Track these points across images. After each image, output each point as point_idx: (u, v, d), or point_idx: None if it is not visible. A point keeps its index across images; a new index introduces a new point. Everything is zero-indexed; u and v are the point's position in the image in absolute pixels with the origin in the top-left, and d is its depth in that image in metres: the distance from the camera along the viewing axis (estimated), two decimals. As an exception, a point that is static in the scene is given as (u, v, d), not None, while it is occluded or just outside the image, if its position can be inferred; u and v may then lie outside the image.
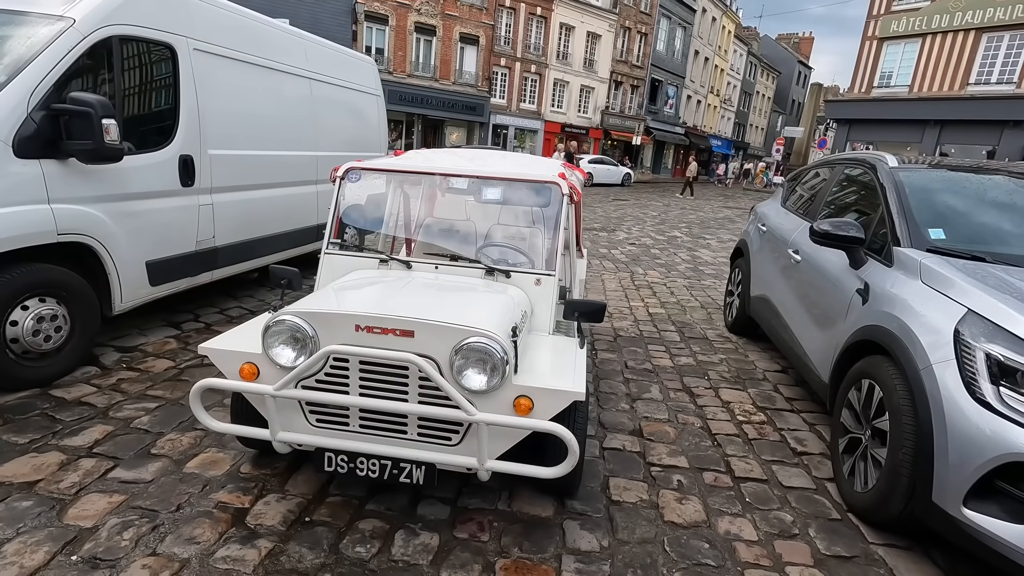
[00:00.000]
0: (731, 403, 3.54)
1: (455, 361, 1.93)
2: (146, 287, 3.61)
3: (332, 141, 5.60)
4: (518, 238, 3.12)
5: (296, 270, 2.54)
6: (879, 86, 18.90)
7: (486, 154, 3.42)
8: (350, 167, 2.83)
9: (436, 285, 2.43)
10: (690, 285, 6.98)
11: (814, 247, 3.34)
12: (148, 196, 3.55)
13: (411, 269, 2.66)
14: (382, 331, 1.96)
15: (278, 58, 4.75)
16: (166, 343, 3.79)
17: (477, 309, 2.14)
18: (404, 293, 2.25)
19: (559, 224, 2.66)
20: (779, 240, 4.02)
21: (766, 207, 4.84)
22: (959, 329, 2.01)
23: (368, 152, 6.25)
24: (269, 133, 4.67)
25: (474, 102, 27.21)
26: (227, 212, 4.24)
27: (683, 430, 3.13)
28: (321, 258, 2.74)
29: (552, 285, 2.59)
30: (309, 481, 2.38)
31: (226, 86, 4.15)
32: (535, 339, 2.39)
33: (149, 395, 3.05)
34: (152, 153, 3.56)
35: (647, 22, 34.67)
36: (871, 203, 3.15)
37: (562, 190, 2.69)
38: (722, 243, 10.80)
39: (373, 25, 23.67)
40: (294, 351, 2.03)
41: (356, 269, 2.68)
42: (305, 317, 2.00)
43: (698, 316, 5.54)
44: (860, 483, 2.37)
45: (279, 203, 4.86)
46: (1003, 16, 15.91)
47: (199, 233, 4.00)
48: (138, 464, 2.41)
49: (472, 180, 2.75)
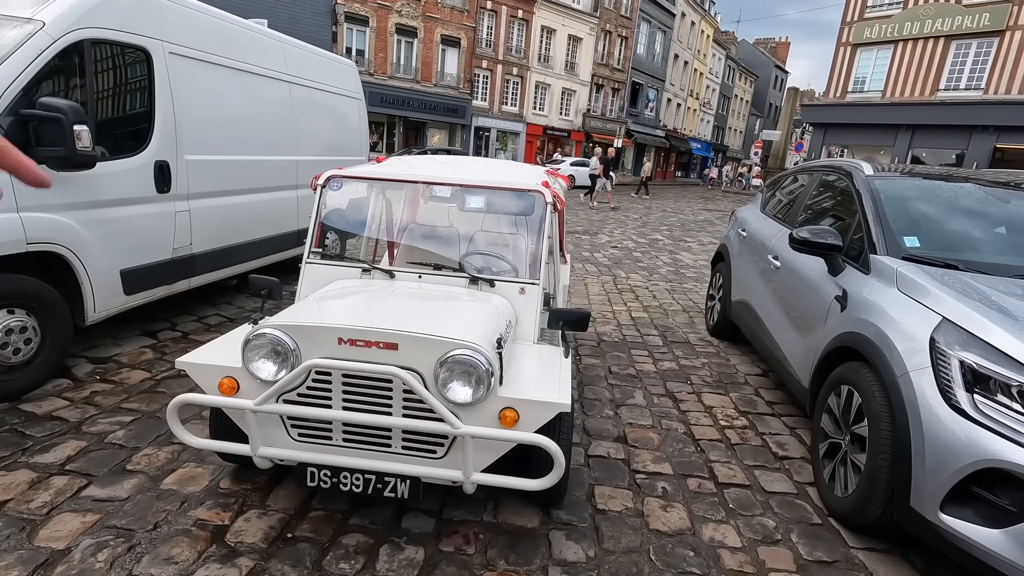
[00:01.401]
0: (714, 408, 3.57)
1: (440, 373, 1.91)
2: (120, 296, 3.53)
3: (312, 145, 5.54)
4: (501, 245, 3.11)
5: (276, 280, 2.51)
6: (853, 91, 19.32)
7: (469, 161, 3.41)
8: (331, 175, 2.79)
9: (419, 295, 2.41)
10: (672, 288, 7.05)
11: (793, 253, 3.39)
12: (122, 203, 3.47)
13: (394, 278, 2.64)
14: (365, 344, 1.94)
15: (256, 61, 4.68)
16: (142, 353, 3.70)
17: (461, 320, 2.13)
18: (387, 304, 2.23)
19: (543, 232, 2.66)
20: (759, 245, 4.08)
21: (746, 212, 4.91)
22: (935, 337, 2.06)
23: (349, 156, 6.19)
24: (247, 138, 4.60)
25: (456, 104, 27.16)
26: (204, 218, 4.16)
27: (667, 436, 3.15)
28: (302, 267, 2.71)
29: (536, 294, 2.58)
30: (291, 495, 2.34)
31: (203, 90, 4.08)
32: (520, 349, 2.39)
33: (124, 408, 2.97)
34: (126, 159, 3.48)
35: (627, 25, 34.97)
36: (848, 210, 3.21)
37: (545, 198, 2.69)
38: (703, 246, 10.92)
39: (353, 26, 23.50)
40: (275, 365, 1.99)
41: (338, 279, 2.65)
42: (286, 330, 1.97)
43: (680, 320, 5.59)
44: (840, 488, 2.41)
45: (258, 209, 4.79)
46: (971, 24, 16.38)
47: (175, 240, 3.91)
48: (113, 481, 2.35)
49: (455, 188, 2.73)
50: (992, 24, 15.94)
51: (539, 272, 2.61)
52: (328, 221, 2.84)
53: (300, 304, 2.26)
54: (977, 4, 16.23)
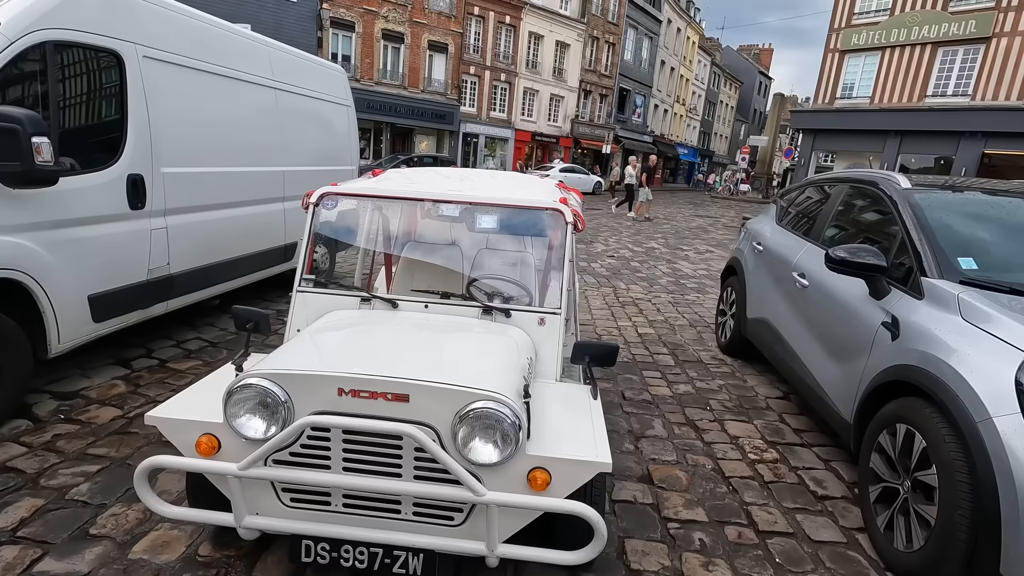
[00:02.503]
0: (739, 438, 3.32)
1: (458, 430, 1.63)
2: (89, 324, 3.19)
3: (300, 155, 5.22)
4: (515, 269, 2.84)
5: (264, 312, 2.21)
6: (841, 97, 19.39)
7: (474, 174, 3.13)
8: (325, 192, 2.50)
9: (428, 328, 2.12)
10: (675, 301, 6.81)
11: (824, 272, 3.15)
12: (91, 221, 3.14)
13: (397, 308, 2.34)
14: (370, 395, 1.65)
15: (239, 66, 4.36)
16: (113, 386, 3.36)
17: (480, 362, 1.85)
18: (393, 343, 1.94)
19: (565, 256, 2.39)
20: (780, 261, 3.84)
21: (760, 224, 4.68)
22: (1020, 379, 1.81)
23: (338, 167, 5.88)
24: (230, 148, 4.28)
25: (444, 110, 26.89)
26: (184, 236, 3.83)
27: (695, 473, 2.88)
28: (293, 296, 2.40)
29: (558, 325, 2.31)
30: (281, 563, 2.03)
31: (181, 97, 3.76)
32: (541, 389, 2.11)
33: (90, 455, 2.64)
34: (96, 173, 3.15)
35: (615, 32, 35.01)
36: (884, 226, 2.98)
37: (565, 217, 2.42)
38: (700, 255, 10.74)
39: (339, 32, 23.16)
40: (264, 421, 1.69)
41: (334, 309, 2.35)
42: (276, 379, 1.67)
43: (689, 336, 5.35)
44: (901, 540, 2.16)
45: (243, 223, 4.46)
46: (957, 31, 16.49)
47: (151, 260, 3.58)
48: (73, 550, 2.02)
49: (465, 206, 2.45)
50: (978, 31, 16.06)
51: (560, 300, 2.33)
52: (321, 242, 2.54)
53: (292, 344, 1.96)
54: (963, 11, 16.35)
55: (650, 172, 16.62)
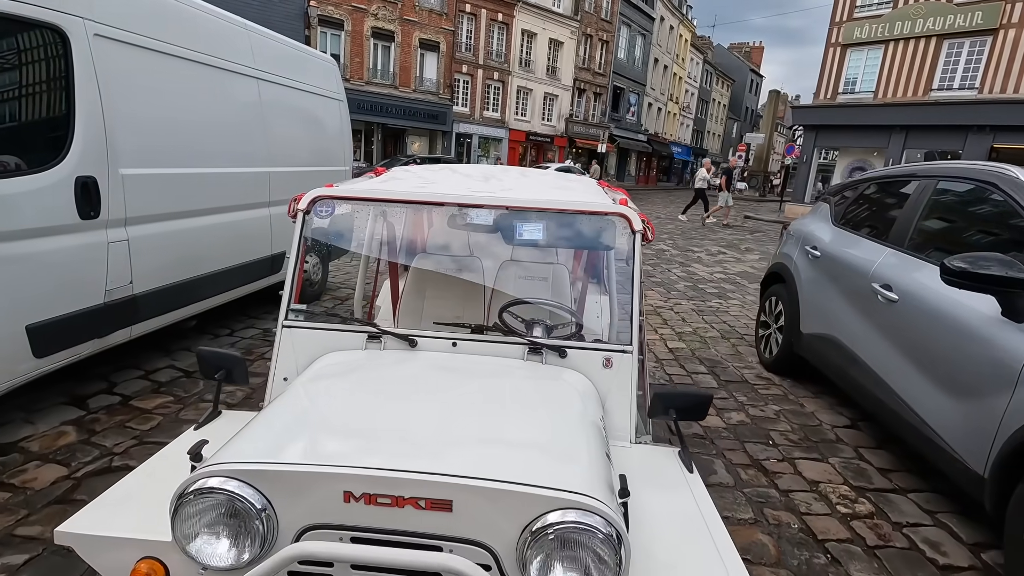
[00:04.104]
0: (819, 484, 2.78)
1: (528, 555, 1.07)
2: (29, 360, 2.59)
3: (287, 154, 4.63)
4: (560, 290, 2.28)
5: (239, 356, 1.66)
6: (844, 92, 18.98)
7: (500, 171, 2.54)
8: (318, 196, 1.92)
9: (463, 382, 1.56)
10: (699, 309, 6.28)
11: (924, 284, 2.62)
12: (29, 235, 2.55)
13: (415, 347, 1.78)
14: (394, 502, 1.09)
15: (215, 52, 3.77)
16: (61, 434, 2.77)
17: (549, 438, 1.29)
18: (421, 411, 1.37)
19: (634, 274, 1.83)
20: (851, 269, 3.31)
21: (809, 226, 4.14)
22: None
23: (330, 167, 5.29)
24: (205, 146, 3.69)
25: (436, 110, 26.27)
26: (150, 249, 3.24)
27: (780, 536, 2.34)
28: (278, 334, 1.83)
29: (630, 367, 1.75)
30: None
31: (144, 85, 3.17)
32: (615, 457, 1.55)
33: (18, 536, 2.05)
34: (34, 176, 2.55)
35: (608, 29, 34.55)
36: (1005, 231, 2.45)
37: (632, 224, 1.87)
38: (712, 256, 10.22)
39: (328, 30, 22.49)
40: (232, 541, 1.12)
41: (332, 349, 1.78)
42: (251, 478, 1.10)
43: (724, 351, 4.81)
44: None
45: (221, 232, 3.87)
46: (963, 23, 16.12)
47: (109, 279, 2.99)
48: None
49: (501, 212, 1.88)
50: (985, 23, 15.69)
51: (631, 333, 1.77)
52: (313, 252, 1.97)
53: (273, 411, 1.38)
54: (969, 3, 15.98)
55: (730, 175, 15.92)
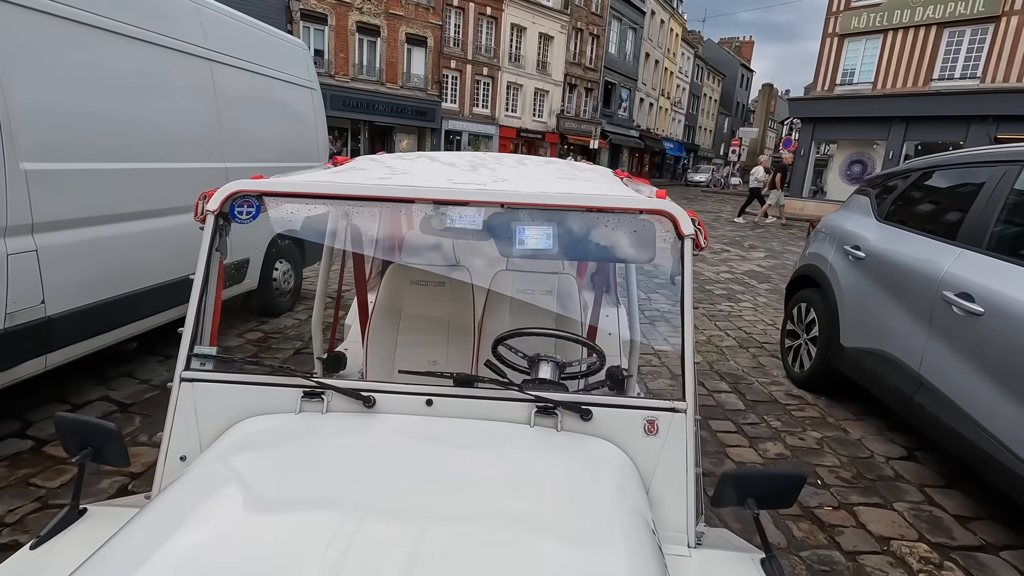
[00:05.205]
0: (890, 540, 2.25)
1: None
2: None
3: (248, 148, 4.05)
4: (566, 304, 1.74)
5: (112, 428, 1.12)
6: (842, 83, 18.53)
7: (490, 158, 1.98)
8: (235, 191, 1.37)
9: (437, 465, 1.01)
10: (709, 313, 5.77)
11: (1019, 296, 2.10)
12: None
13: (373, 409, 1.22)
14: None
15: (154, 26, 3.19)
16: (-60, 499, 2.19)
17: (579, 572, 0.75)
18: (369, 521, 0.82)
19: (684, 295, 1.29)
20: (907, 274, 2.79)
21: (849, 222, 3.62)
22: None
23: (302, 163, 4.71)
24: (139, 136, 3.11)
25: (424, 107, 25.63)
26: (67, 261, 2.67)
27: (859, 625, 1.81)
28: (174, 388, 1.27)
29: (686, 431, 1.21)
30: None
31: (55, 61, 2.59)
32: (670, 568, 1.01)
33: None
34: None
35: (599, 23, 33.99)
36: None
37: (680, 227, 1.33)
38: (716, 254, 9.73)
39: (310, 24, 21.78)
40: None
41: (252, 414, 1.23)
42: None
43: (745, 363, 4.29)
44: None
45: (161, 240, 3.29)
46: (964, 11, 15.71)
47: (11, 300, 2.41)
48: None
49: (496, 210, 1.33)
50: (987, 10, 15.29)
51: (687, 383, 1.23)
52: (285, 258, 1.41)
53: (150, 517, 0.83)
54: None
55: (784, 172, 15.45)
